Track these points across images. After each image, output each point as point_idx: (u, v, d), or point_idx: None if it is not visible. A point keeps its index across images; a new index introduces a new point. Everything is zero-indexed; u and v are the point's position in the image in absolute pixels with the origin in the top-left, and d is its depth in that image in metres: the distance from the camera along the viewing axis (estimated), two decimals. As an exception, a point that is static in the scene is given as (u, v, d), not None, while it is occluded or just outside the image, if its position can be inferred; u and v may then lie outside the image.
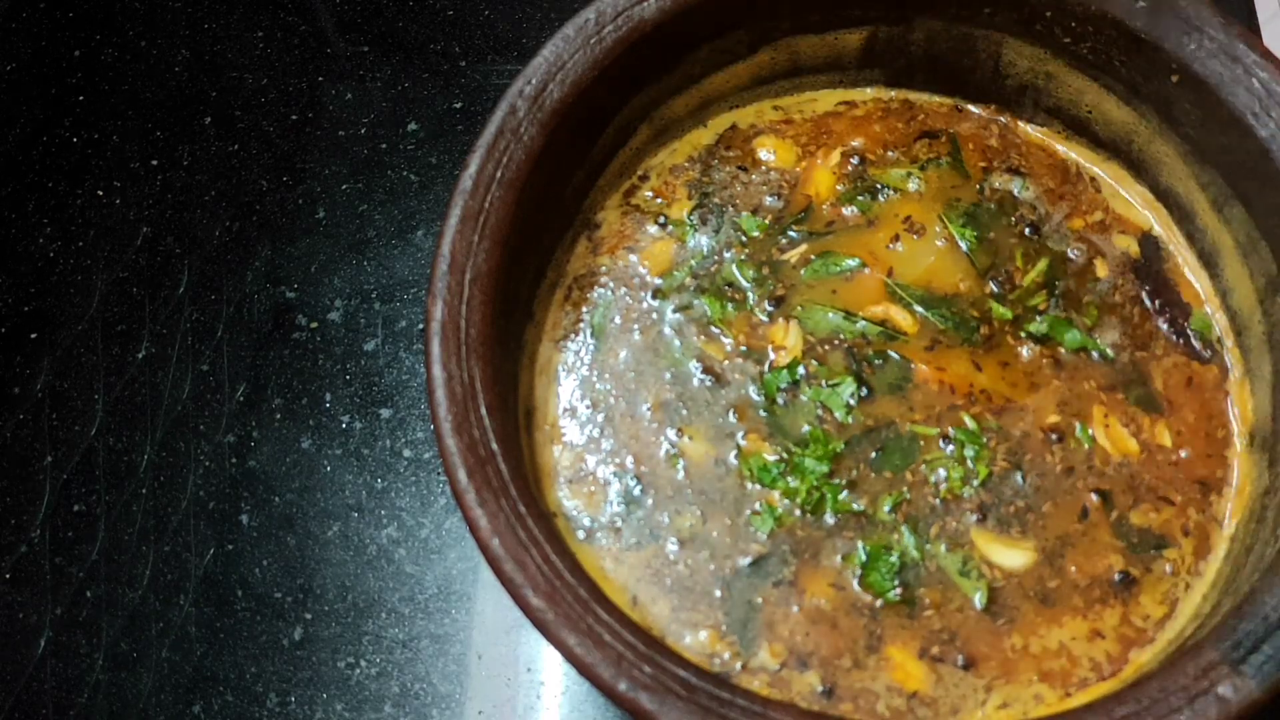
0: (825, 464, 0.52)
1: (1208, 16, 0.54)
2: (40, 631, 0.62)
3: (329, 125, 0.78)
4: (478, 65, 0.80)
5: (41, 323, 0.71)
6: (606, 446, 0.54)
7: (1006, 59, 0.60)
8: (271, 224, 0.74)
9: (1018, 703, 0.49)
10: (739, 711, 0.42)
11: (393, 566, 0.63)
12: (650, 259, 0.58)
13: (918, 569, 0.51)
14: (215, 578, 0.63)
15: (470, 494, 0.45)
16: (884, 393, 0.54)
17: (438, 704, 0.60)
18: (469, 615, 0.62)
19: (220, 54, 0.81)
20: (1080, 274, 0.58)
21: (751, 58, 0.60)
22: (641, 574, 0.51)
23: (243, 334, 0.70)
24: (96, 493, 0.66)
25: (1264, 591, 0.45)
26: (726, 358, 0.55)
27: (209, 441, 0.67)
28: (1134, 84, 0.57)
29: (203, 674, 0.61)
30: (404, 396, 0.68)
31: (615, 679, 0.42)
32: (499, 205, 0.51)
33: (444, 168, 0.76)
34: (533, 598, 0.43)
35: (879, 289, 0.57)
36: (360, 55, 0.81)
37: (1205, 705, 0.42)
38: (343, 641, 0.61)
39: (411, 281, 0.72)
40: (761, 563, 0.51)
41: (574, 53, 0.54)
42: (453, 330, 0.48)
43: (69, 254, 0.73)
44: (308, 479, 0.66)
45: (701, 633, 0.50)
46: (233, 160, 0.76)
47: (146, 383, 0.69)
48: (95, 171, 0.76)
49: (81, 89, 0.79)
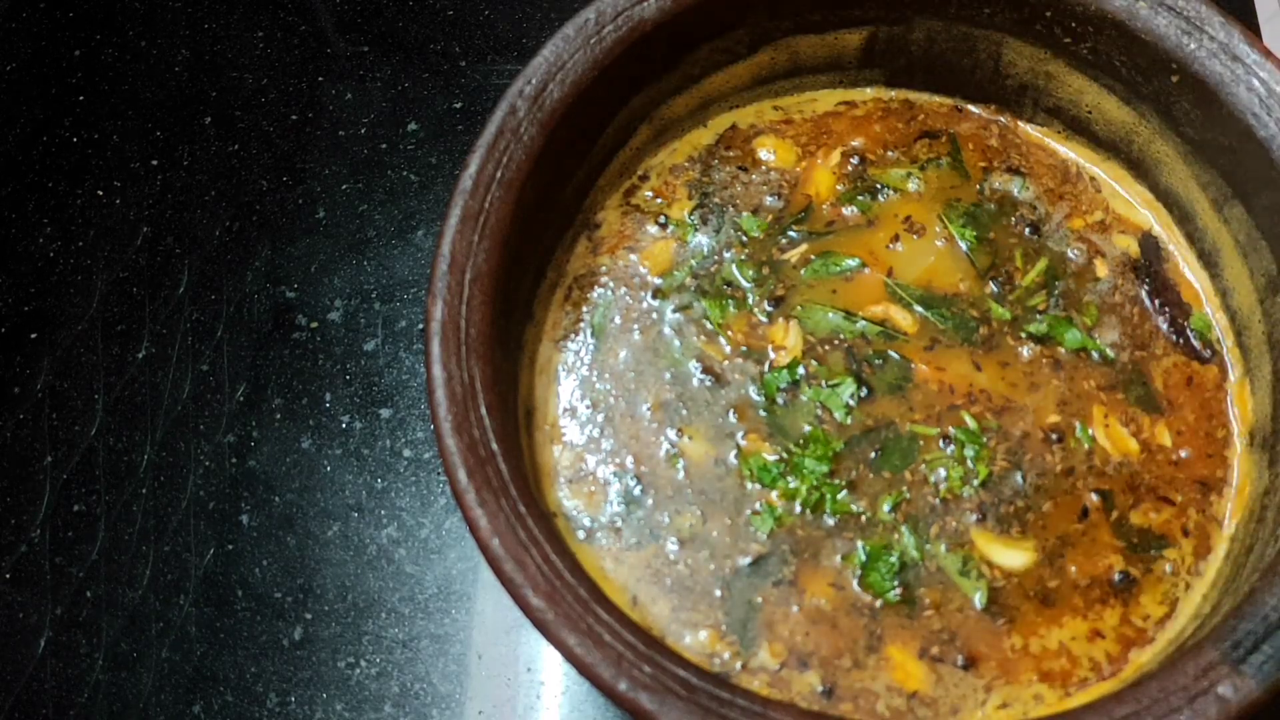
0: (825, 464, 0.52)
1: (1208, 16, 0.54)
2: (40, 631, 0.62)
3: (329, 125, 0.78)
4: (478, 65, 0.80)
5: (41, 323, 0.71)
6: (606, 446, 0.54)
7: (1006, 59, 0.60)
8: (271, 224, 0.74)
9: (1018, 703, 0.49)
10: (739, 711, 0.42)
11: (393, 566, 0.63)
12: (650, 259, 0.58)
13: (918, 569, 0.51)
14: (215, 578, 0.63)
15: (470, 494, 0.45)
16: (884, 393, 0.54)
17: (438, 704, 0.60)
18: (469, 615, 0.62)
19: (220, 54, 0.81)
20: (1080, 274, 0.58)
21: (751, 58, 0.60)
22: (641, 574, 0.51)
23: (243, 334, 0.70)
24: (96, 493, 0.66)
25: (1264, 591, 0.45)
26: (726, 358, 0.55)
27: (209, 441, 0.67)
28: (1134, 84, 0.57)
29: (203, 674, 0.61)
30: (404, 396, 0.68)
31: (615, 679, 0.42)
32: (499, 205, 0.51)
33: (444, 168, 0.76)
34: (533, 598, 0.43)
35: (879, 289, 0.57)
36: (360, 55, 0.81)
37: (1205, 705, 0.42)
38: (343, 641, 0.61)
39: (411, 281, 0.72)
40: (761, 563, 0.51)
41: (574, 53, 0.54)
42: (453, 330, 0.48)
43: (69, 254, 0.73)
44: (308, 479, 0.66)
45: (701, 633, 0.50)
46: (233, 160, 0.76)
47: (146, 383, 0.69)
48: (95, 171, 0.76)
49: (81, 89, 0.79)
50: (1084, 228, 0.59)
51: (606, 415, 0.54)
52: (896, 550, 0.51)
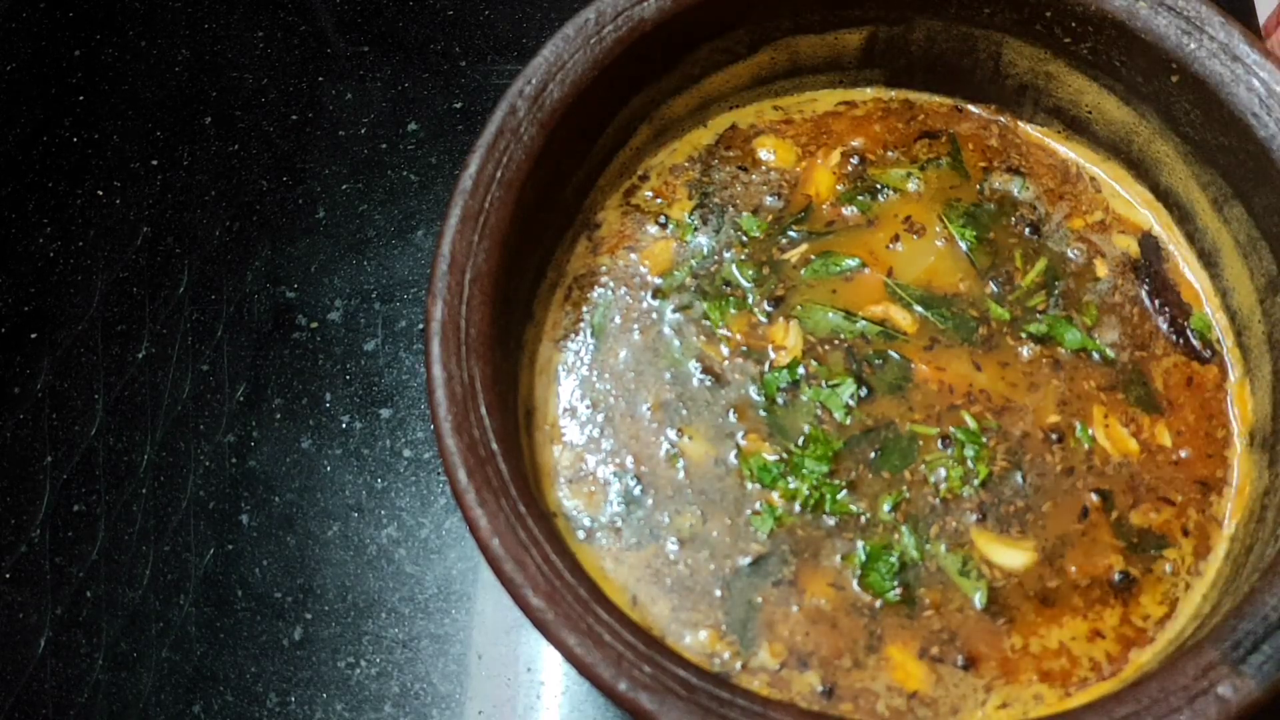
0: (825, 464, 0.52)
1: (1208, 16, 0.54)
2: (40, 631, 0.62)
3: (329, 125, 0.78)
4: (478, 65, 0.80)
5: (41, 323, 0.71)
6: (606, 446, 0.54)
7: (1006, 59, 0.60)
8: (271, 224, 0.74)
9: (1018, 703, 0.49)
10: (739, 711, 0.42)
11: (393, 566, 0.63)
12: (650, 259, 0.58)
13: (918, 569, 0.51)
14: (215, 578, 0.63)
15: (470, 494, 0.45)
16: (884, 393, 0.54)
17: (438, 704, 0.60)
18: (469, 615, 0.62)
19: (220, 54, 0.81)
20: (1080, 274, 0.58)
21: (751, 58, 0.60)
22: (641, 574, 0.51)
23: (243, 334, 0.70)
24: (96, 493, 0.66)
25: (1264, 591, 0.45)
26: (726, 358, 0.55)
27: (209, 441, 0.67)
28: (1134, 84, 0.57)
29: (203, 674, 0.61)
30: (404, 396, 0.68)
31: (615, 679, 0.42)
32: (499, 205, 0.51)
33: (444, 168, 0.76)
34: (533, 598, 0.43)
35: (879, 289, 0.57)
36: (360, 55, 0.81)
37: (1205, 705, 0.42)
38: (343, 641, 0.61)
39: (411, 281, 0.72)
40: (761, 563, 0.51)
41: (574, 53, 0.54)
42: (453, 330, 0.48)
43: (69, 254, 0.73)
44: (308, 479, 0.66)
45: (701, 633, 0.50)
46: (233, 160, 0.76)
47: (146, 383, 0.69)
48: (95, 171, 0.76)
49: (81, 89, 0.79)
50: (1084, 228, 0.59)
51: (606, 415, 0.54)
52: (896, 550, 0.51)
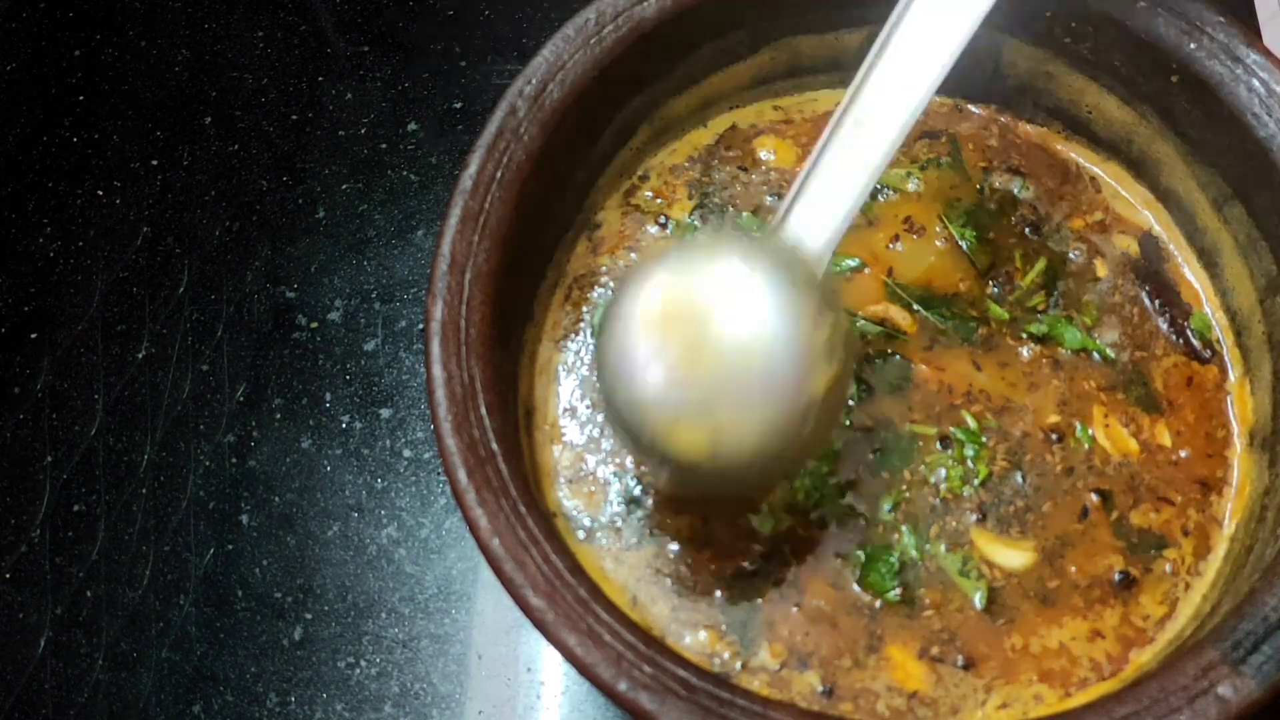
0: (825, 464, 0.52)
1: (1208, 16, 0.54)
2: (40, 631, 0.62)
3: (329, 125, 0.78)
4: (478, 65, 0.80)
5: (41, 323, 0.71)
6: (606, 446, 0.54)
7: (1006, 59, 0.60)
8: (271, 224, 0.74)
9: (1018, 703, 0.49)
10: (739, 711, 0.42)
11: (393, 566, 0.63)
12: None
13: (918, 569, 0.51)
14: (215, 578, 0.63)
15: (470, 494, 0.45)
16: (884, 393, 0.54)
17: (438, 704, 0.60)
18: (469, 615, 0.62)
19: (220, 54, 0.81)
20: (1080, 274, 0.58)
21: (751, 58, 0.60)
22: (641, 574, 0.51)
23: (243, 334, 0.70)
24: (96, 493, 0.66)
25: (1264, 591, 0.45)
26: (726, 358, 0.55)
27: (209, 441, 0.67)
28: (1134, 84, 0.57)
29: (203, 674, 0.61)
30: (404, 396, 0.68)
31: (615, 679, 0.42)
32: (499, 205, 0.51)
33: (444, 168, 0.76)
34: (533, 598, 0.43)
35: (879, 289, 0.57)
36: (360, 55, 0.81)
37: (1205, 705, 0.42)
38: (343, 641, 0.61)
39: (411, 281, 0.72)
40: (762, 563, 0.51)
41: (574, 53, 0.54)
42: (453, 330, 0.48)
43: (69, 254, 0.73)
44: (308, 479, 0.66)
45: (701, 633, 0.50)
46: (233, 160, 0.76)
47: (146, 383, 0.69)
48: (95, 171, 0.76)
49: (81, 89, 0.79)
50: (1084, 228, 0.59)
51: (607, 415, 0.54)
52: (896, 550, 0.51)
